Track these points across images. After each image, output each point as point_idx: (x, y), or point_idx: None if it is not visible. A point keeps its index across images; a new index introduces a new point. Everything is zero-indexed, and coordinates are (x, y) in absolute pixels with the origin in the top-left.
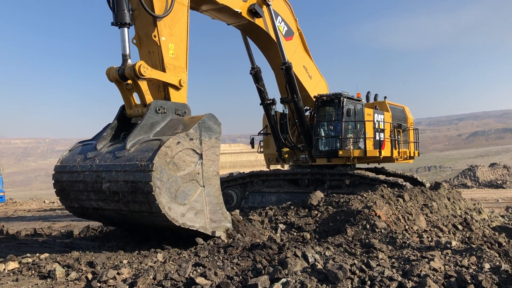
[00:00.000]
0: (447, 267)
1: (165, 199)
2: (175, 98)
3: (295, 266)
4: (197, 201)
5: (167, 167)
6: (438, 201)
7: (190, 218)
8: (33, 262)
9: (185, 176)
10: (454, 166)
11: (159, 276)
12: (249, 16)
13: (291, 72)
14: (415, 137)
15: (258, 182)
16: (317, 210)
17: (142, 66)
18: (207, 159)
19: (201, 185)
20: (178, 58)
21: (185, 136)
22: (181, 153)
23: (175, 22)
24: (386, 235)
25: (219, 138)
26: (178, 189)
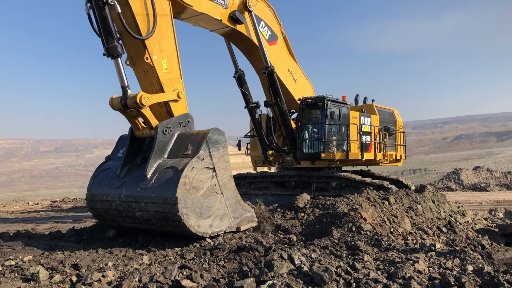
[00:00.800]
0: (431, 269)
1: (194, 221)
2: (176, 110)
3: (281, 268)
4: (219, 208)
5: (188, 193)
6: (423, 204)
7: (217, 225)
8: (16, 265)
9: (205, 193)
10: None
11: (145, 278)
12: (230, 23)
13: (274, 76)
14: (404, 140)
15: (245, 184)
16: (303, 212)
17: (143, 97)
18: (219, 169)
19: (219, 193)
20: (172, 71)
21: (197, 160)
22: (197, 176)
23: (162, 36)
24: (372, 237)
25: (225, 146)
26: (202, 206)
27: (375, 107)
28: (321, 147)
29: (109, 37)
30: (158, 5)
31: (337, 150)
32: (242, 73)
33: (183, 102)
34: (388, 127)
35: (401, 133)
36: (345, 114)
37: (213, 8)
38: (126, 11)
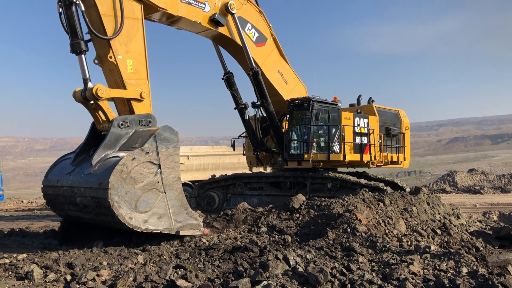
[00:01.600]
0: (426, 271)
1: (125, 211)
2: (139, 110)
3: (276, 269)
4: (159, 207)
5: (124, 182)
6: (417, 206)
7: (153, 222)
8: (10, 263)
9: (144, 186)
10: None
11: (139, 278)
12: (212, 26)
13: (259, 78)
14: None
15: (240, 185)
16: (298, 213)
17: (99, 89)
18: (166, 167)
19: (162, 191)
20: (138, 71)
21: (140, 152)
22: (137, 168)
23: (130, 38)
24: (367, 238)
25: (177, 146)
26: (138, 199)
27: (375, 107)
28: (305, 148)
29: (73, 34)
30: (128, 8)
31: (323, 151)
32: (231, 74)
33: (147, 103)
34: (389, 128)
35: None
36: (334, 115)
37: (191, 11)
38: (93, 12)
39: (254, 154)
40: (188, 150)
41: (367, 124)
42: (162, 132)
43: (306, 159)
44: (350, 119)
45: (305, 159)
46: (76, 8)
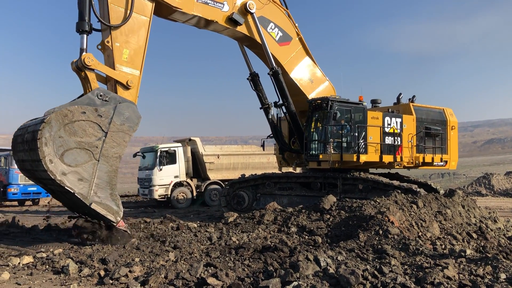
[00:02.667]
0: (461, 275)
1: (48, 151)
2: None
3: (306, 269)
4: (85, 170)
5: (63, 127)
6: (452, 209)
7: (71, 180)
8: (47, 257)
9: (81, 143)
10: (468, 173)
11: (171, 275)
12: (230, 24)
13: (279, 77)
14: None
15: (270, 184)
16: (329, 214)
17: (88, 57)
18: (111, 139)
19: (96, 158)
20: (132, 62)
21: (93, 110)
22: (83, 123)
23: (133, 32)
24: (399, 241)
25: (132, 128)
26: (68, 150)
27: (413, 106)
28: (322, 148)
29: (81, 16)
30: (138, 4)
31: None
32: (256, 75)
33: (133, 92)
34: (429, 128)
35: (452, 134)
36: (360, 115)
37: (208, 10)
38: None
39: (280, 154)
40: (218, 149)
41: (400, 124)
42: (125, 108)
43: (322, 159)
44: (379, 119)
45: (320, 159)
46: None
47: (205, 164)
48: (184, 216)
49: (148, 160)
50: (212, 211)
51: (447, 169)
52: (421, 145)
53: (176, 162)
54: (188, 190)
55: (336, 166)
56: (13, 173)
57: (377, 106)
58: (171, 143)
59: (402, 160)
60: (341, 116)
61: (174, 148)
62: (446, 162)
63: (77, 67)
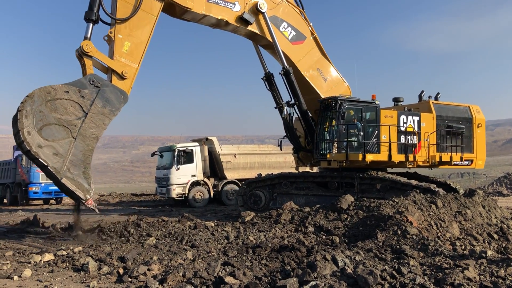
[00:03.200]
0: (482, 277)
1: (27, 123)
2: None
3: (324, 269)
4: (61, 146)
5: (45, 103)
6: (472, 209)
7: (46, 154)
8: (67, 255)
9: (60, 120)
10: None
11: (189, 273)
12: (241, 24)
13: (290, 77)
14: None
15: (286, 184)
16: (347, 214)
17: (86, 44)
18: (91, 120)
19: (73, 136)
20: (132, 55)
21: (76, 91)
22: (65, 101)
23: (138, 27)
24: (418, 241)
25: (113, 112)
26: (47, 125)
27: (433, 104)
28: (330, 147)
29: (90, 7)
30: (147, 3)
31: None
32: (271, 75)
33: (127, 83)
34: (451, 126)
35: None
36: (371, 114)
37: (218, 10)
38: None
39: (295, 153)
40: (235, 148)
41: (417, 122)
42: (108, 92)
43: (328, 159)
44: (393, 117)
45: (327, 159)
46: None
47: (222, 163)
48: (201, 215)
49: (166, 160)
50: (229, 210)
51: (473, 169)
52: (441, 143)
53: (194, 161)
54: (205, 189)
55: (343, 165)
56: (34, 171)
57: (399, 104)
58: (189, 143)
59: (415, 160)
60: (352, 115)
61: (192, 147)
62: (471, 161)
63: (78, 54)
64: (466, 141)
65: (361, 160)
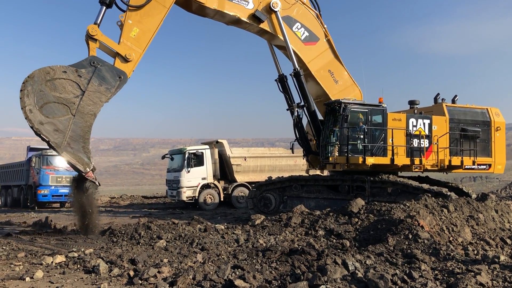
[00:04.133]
0: (495, 282)
1: (29, 102)
2: (119, 67)
3: (334, 273)
4: (61, 122)
5: (44, 83)
6: (485, 213)
7: (47, 130)
8: (78, 257)
9: (59, 98)
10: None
11: (199, 276)
12: (253, 21)
13: (300, 78)
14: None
15: (297, 187)
16: (357, 217)
17: (92, 28)
18: (88, 98)
19: (72, 114)
20: (138, 40)
21: (73, 70)
22: (63, 81)
23: (148, 15)
24: (429, 246)
25: (110, 90)
26: (47, 103)
27: (446, 106)
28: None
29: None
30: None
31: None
32: (284, 76)
33: (130, 66)
34: (466, 129)
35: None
36: (379, 117)
37: (231, 6)
38: None
39: (304, 157)
40: (245, 151)
41: (428, 125)
42: (104, 70)
43: (330, 162)
44: (402, 121)
45: (329, 162)
46: None
47: (232, 166)
48: (211, 218)
49: (176, 162)
50: (239, 213)
51: (492, 173)
52: (454, 147)
53: (204, 164)
54: (215, 192)
55: (346, 168)
56: (43, 173)
57: (414, 107)
58: (199, 145)
59: (421, 163)
60: (358, 119)
61: (202, 150)
62: (489, 166)
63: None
64: (483, 145)
65: (361, 163)
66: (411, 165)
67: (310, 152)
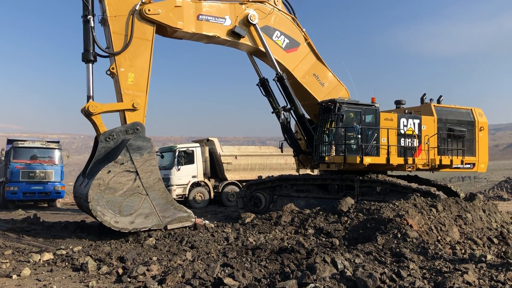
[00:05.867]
0: (481, 281)
1: (109, 217)
2: (131, 119)
3: (323, 272)
4: (144, 207)
5: (103, 193)
6: (472, 213)
7: (139, 222)
8: (66, 254)
9: (125, 193)
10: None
11: (188, 274)
12: (233, 37)
13: (284, 83)
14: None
15: (287, 186)
16: (347, 216)
17: (91, 106)
18: (143, 172)
19: (144, 194)
20: (138, 84)
21: (114, 164)
22: (114, 178)
23: (137, 55)
24: (418, 245)
25: (151, 152)
26: (121, 205)
27: (434, 107)
28: (328, 150)
29: (85, 46)
30: (139, 29)
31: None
32: (265, 80)
33: (140, 113)
34: (453, 129)
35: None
36: (372, 117)
37: (209, 27)
38: (107, 29)
39: (295, 156)
40: (236, 150)
41: (418, 125)
42: (134, 142)
43: (327, 161)
44: (393, 120)
45: (326, 161)
46: (90, 25)
47: (223, 164)
48: (201, 216)
49: (167, 160)
50: (229, 212)
51: (475, 172)
52: (442, 146)
53: (194, 162)
54: (206, 190)
55: (342, 168)
56: (13, 168)
57: (401, 107)
58: (189, 143)
59: (414, 163)
60: (352, 118)
61: (192, 148)
62: (473, 165)
63: (85, 113)
64: (468, 145)
65: (359, 163)
66: (404, 165)
67: (300, 152)
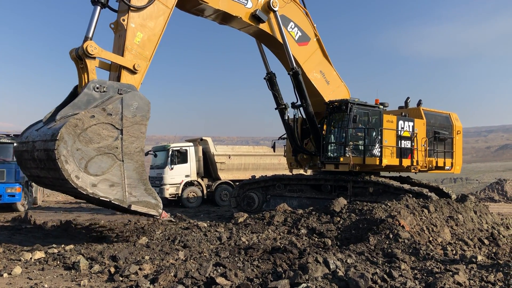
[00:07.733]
0: (472, 282)
1: (72, 168)
2: (125, 80)
3: (316, 271)
4: (113, 174)
5: (77, 138)
6: (464, 214)
7: (103, 189)
8: (58, 253)
9: (100, 148)
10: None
11: (180, 273)
12: (253, 22)
13: (299, 78)
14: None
15: (280, 186)
16: (339, 216)
17: (90, 45)
18: (128, 134)
19: (120, 159)
20: (144, 47)
21: (101, 111)
22: (95, 127)
23: (152, 18)
24: (410, 245)
25: (145, 116)
26: (90, 160)
27: (423, 110)
28: (342, 151)
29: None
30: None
31: (360, 154)
32: (273, 74)
33: (137, 77)
34: (438, 132)
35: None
36: (375, 118)
37: (232, 6)
38: None
39: (293, 156)
40: (230, 149)
41: (412, 128)
42: (131, 98)
43: (342, 162)
44: (393, 122)
45: (341, 162)
46: None
47: (216, 164)
48: (194, 215)
49: (160, 159)
50: (222, 211)
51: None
52: (431, 149)
53: (188, 161)
54: (199, 190)
55: (357, 169)
56: None
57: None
58: (183, 143)
59: (417, 164)
60: (360, 119)
61: (186, 147)
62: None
63: (77, 56)
64: (448, 147)
65: (377, 164)
66: (410, 166)
67: (300, 151)
